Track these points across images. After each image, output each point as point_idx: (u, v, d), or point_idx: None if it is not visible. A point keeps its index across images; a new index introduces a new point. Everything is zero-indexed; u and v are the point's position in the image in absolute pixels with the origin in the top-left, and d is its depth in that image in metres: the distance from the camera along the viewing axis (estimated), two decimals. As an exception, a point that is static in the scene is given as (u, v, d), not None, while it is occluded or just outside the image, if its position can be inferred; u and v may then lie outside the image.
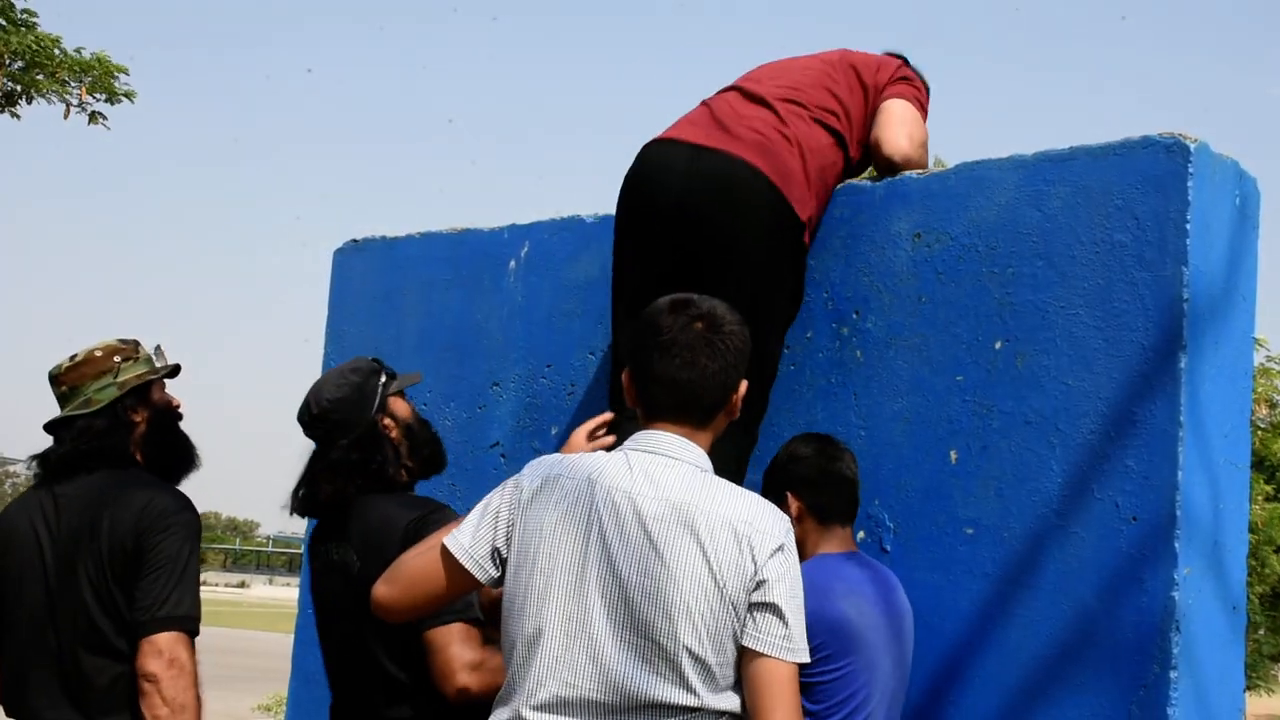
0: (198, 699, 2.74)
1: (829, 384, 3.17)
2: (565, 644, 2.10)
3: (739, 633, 2.08)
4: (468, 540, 2.25)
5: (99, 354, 2.99)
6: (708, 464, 2.24)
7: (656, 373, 2.21)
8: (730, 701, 2.10)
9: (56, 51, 11.44)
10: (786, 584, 2.11)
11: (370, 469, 2.79)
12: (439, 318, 3.99)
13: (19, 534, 2.91)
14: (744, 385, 2.28)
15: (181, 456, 3.06)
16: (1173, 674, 2.60)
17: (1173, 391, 2.68)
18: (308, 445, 2.92)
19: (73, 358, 3.00)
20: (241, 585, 74.57)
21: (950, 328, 3.00)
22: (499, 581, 2.26)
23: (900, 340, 3.07)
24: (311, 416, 2.81)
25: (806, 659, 2.12)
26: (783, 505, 2.89)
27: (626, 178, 3.11)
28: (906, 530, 2.98)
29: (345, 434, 2.79)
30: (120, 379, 2.96)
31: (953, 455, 2.95)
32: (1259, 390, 13.04)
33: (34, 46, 11.20)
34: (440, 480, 3.63)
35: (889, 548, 3.00)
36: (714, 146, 3.00)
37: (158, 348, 3.10)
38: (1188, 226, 2.72)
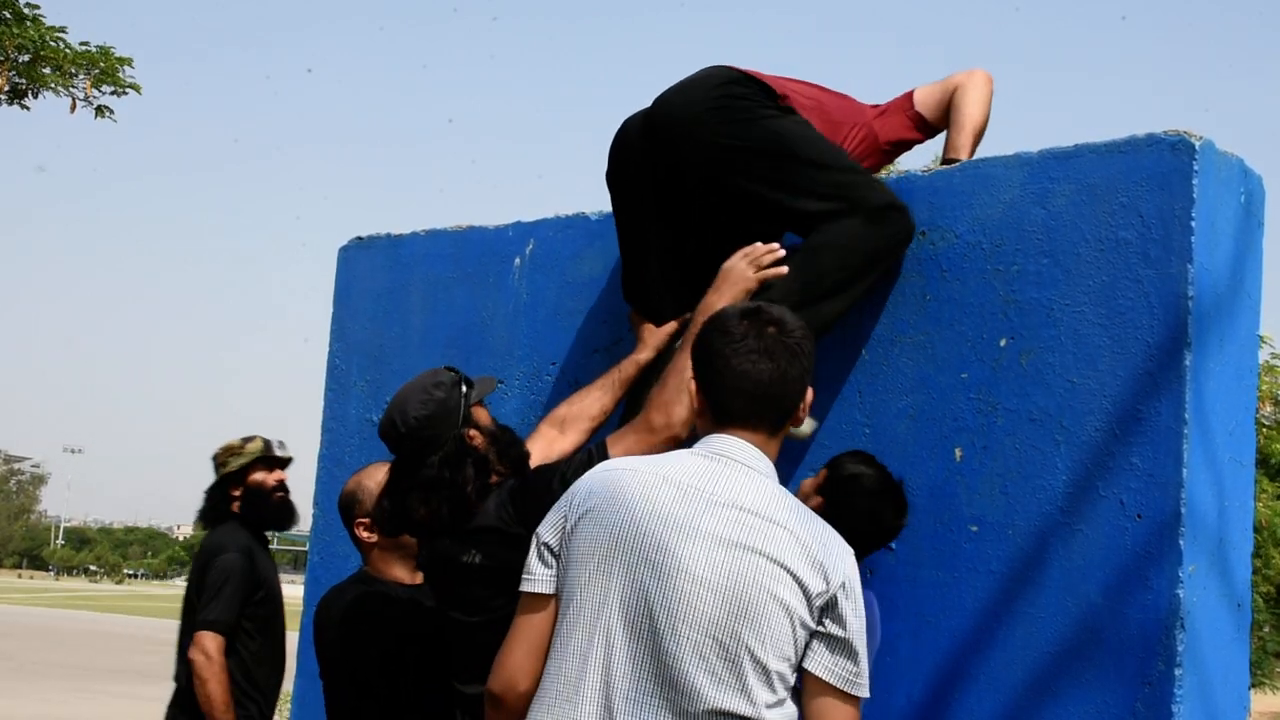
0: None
1: (834, 381, 3.16)
2: (624, 644, 2.04)
3: (799, 655, 2.04)
4: (537, 569, 2.19)
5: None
6: (775, 475, 2.20)
7: (737, 376, 2.15)
8: (777, 714, 2.04)
9: (61, 44, 11.42)
10: (857, 620, 2.07)
11: (462, 486, 2.77)
12: (443, 315, 3.99)
13: None
14: (810, 393, 2.25)
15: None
16: (1177, 671, 2.61)
17: (1178, 389, 2.68)
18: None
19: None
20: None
21: (955, 325, 3.00)
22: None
23: (905, 338, 3.07)
24: (399, 434, 2.79)
25: (868, 694, 2.08)
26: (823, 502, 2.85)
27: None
28: (911, 528, 2.98)
29: (433, 451, 2.77)
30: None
31: (958, 453, 2.95)
32: (1264, 388, 12.99)
33: (38, 40, 11.18)
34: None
35: (894, 545, 3.00)
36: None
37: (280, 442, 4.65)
38: (1193, 224, 2.71)
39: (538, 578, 2.18)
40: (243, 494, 4.55)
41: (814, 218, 2.99)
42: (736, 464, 2.15)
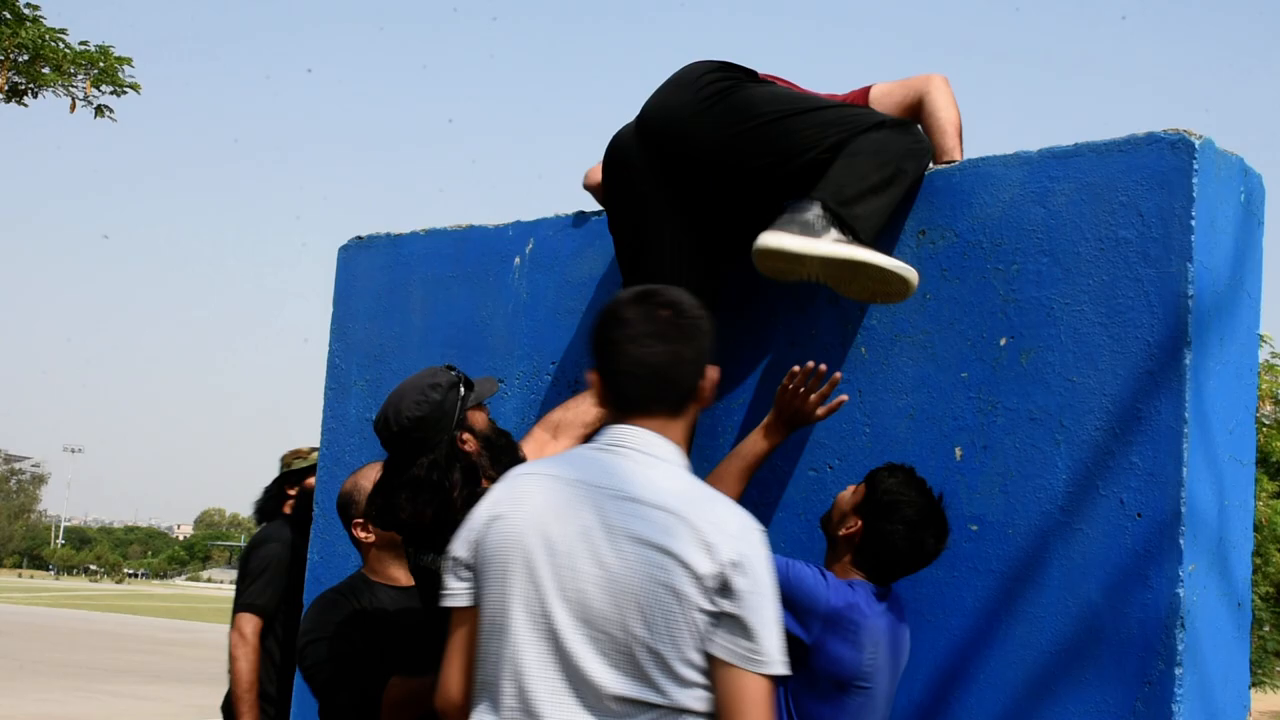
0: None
1: (833, 381, 3.16)
2: (530, 644, 2.07)
3: (703, 639, 2.03)
4: (453, 584, 2.22)
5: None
6: (682, 459, 2.19)
7: (630, 360, 2.16)
8: (692, 699, 2.04)
9: (61, 45, 11.43)
10: (754, 595, 2.04)
11: (448, 491, 2.75)
12: (443, 314, 3.99)
13: None
14: (714, 371, 2.23)
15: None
16: (1178, 670, 2.61)
17: (1178, 388, 2.68)
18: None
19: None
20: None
21: (955, 324, 3.00)
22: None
23: (905, 337, 3.07)
24: (391, 433, 2.78)
25: (780, 671, 2.05)
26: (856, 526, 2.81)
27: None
28: (911, 527, 2.98)
29: (425, 452, 2.77)
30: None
31: (958, 452, 2.95)
32: (1264, 387, 13.00)
33: (38, 40, 11.19)
34: (445, 477, 3.63)
35: (894, 544, 3.00)
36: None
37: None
38: (1193, 223, 2.71)
39: (455, 593, 2.21)
40: (298, 494, 4.84)
41: (830, 152, 3.02)
42: (633, 453, 2.15)
